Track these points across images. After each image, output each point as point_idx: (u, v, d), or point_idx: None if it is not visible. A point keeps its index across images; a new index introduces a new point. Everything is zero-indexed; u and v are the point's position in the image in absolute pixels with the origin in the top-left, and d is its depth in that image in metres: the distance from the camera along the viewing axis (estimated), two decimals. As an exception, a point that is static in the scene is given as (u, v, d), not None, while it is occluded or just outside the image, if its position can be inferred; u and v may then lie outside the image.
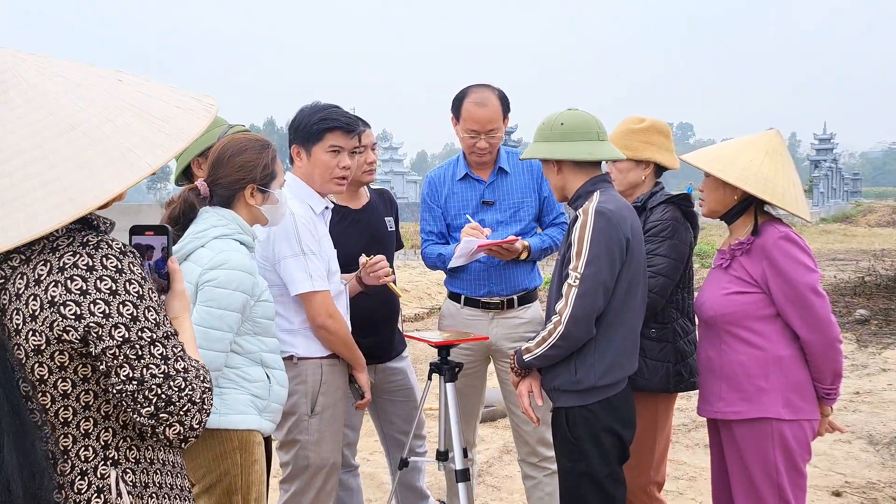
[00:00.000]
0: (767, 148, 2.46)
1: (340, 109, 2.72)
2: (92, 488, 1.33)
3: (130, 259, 1.32)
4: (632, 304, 2.37)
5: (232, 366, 2.21)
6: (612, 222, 2.30)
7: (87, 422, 1.34)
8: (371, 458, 4.59)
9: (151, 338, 1.30)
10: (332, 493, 2.71)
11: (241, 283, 2.14)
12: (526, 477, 3.25)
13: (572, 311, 2.29)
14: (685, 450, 4.75)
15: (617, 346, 2.35)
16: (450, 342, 2.91)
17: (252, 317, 2.22)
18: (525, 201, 3.22)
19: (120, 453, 1.37)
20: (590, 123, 2.44)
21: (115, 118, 1.28)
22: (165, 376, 1.31)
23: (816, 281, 2.37)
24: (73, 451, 1.33)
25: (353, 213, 3.14)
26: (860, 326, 8.52)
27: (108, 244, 1.30)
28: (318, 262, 2.59)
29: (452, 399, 2.88)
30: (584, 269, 2.29)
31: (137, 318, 1.29)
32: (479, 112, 3.07)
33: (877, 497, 3.97)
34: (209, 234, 2.18)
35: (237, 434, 2.17)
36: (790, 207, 2.40)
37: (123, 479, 1.36)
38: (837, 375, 2.42)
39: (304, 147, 2.68)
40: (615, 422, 2.37)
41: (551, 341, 2.34)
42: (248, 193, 2.27)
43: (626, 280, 2.34)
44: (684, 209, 2.73)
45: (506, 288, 3.17)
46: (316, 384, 2.61)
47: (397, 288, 3.04)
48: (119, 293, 1.28)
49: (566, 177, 2.46)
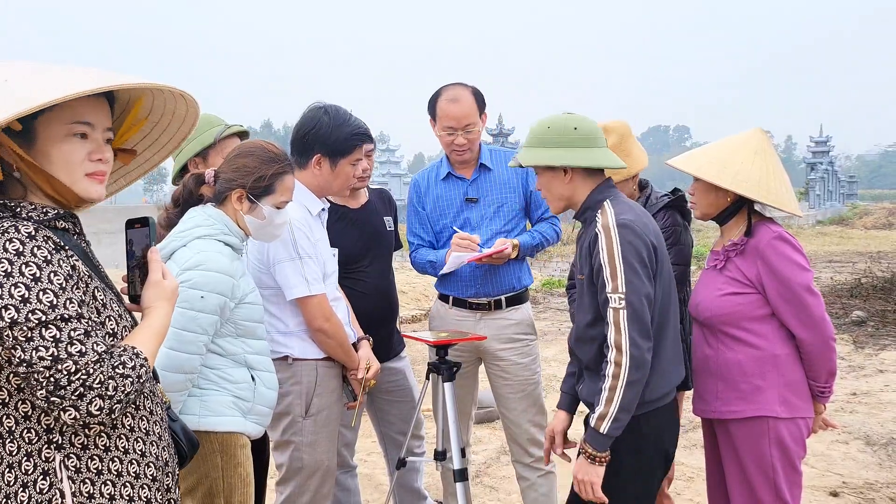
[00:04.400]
0: (756, 148, 2.46)
1: (357, 118, 2.75)
2: (38, 469, 1.36)
3: (37, 243, 1.32)
4: (671, 310, 2.28)
5: (212, 367, 2.17)
6: (637, 232, 2.19)
7: (24, 404, 1.36)
8: (368, 458, 4.59)
9: (41, 320, 1.29)
10: (329, 495, 2.70)
11: (218, 284, 2.10)
12: (520, 478, 3.25)
13: (630, 335, 2.12)
14: (682, 450, 4.75)
15: (665, 357, 2.25)
16: (448, 341, 2.92)
17: (234, 319, 2.18)
18: (509, 197, 3.20)
19: (64, 438, 1.38)
20: (598, 129, 2.34)
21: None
22: (54, 359, 1.29)
23: (810, 280, 2.38)
24: (17, 432, 1.36)
25: (352, 213, 3.15)
26: (857, 328, 8.55)
27: (15, 228, 1.32)
28: (314, 265, 2.58)
29: (451, 398, 2.88)
30: (625, 288, 2.15)
31: (28, 300, 1.29)
32: (453, 109, 3.08)
33: (874, 497, 3.98)
34: (192, 234, 2.16)
35: (217, 436, 2.14)
36: (784, 206, 2.41)
37: (65, 465, 1.38)
38: (831, 374, 2.43)
39: (331, 159, 2.68)
40: (662, 435, 2.27)
41: (623, 380, 2.11)
42: (235, 197, 2.24)
43: (661, 287, 2.24)
44: (682, 211, 2.74)
45: (493, 289, 3.16)
46: (311, 385, 2.60)
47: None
48: (13, 275, 1.29)
49: (576, 185, 2.30)
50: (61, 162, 1.40)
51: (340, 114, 2.71)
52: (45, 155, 1.39)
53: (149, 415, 1.54)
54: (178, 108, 1.60)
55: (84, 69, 1.39)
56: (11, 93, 1.29)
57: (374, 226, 3.21)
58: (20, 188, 1.41)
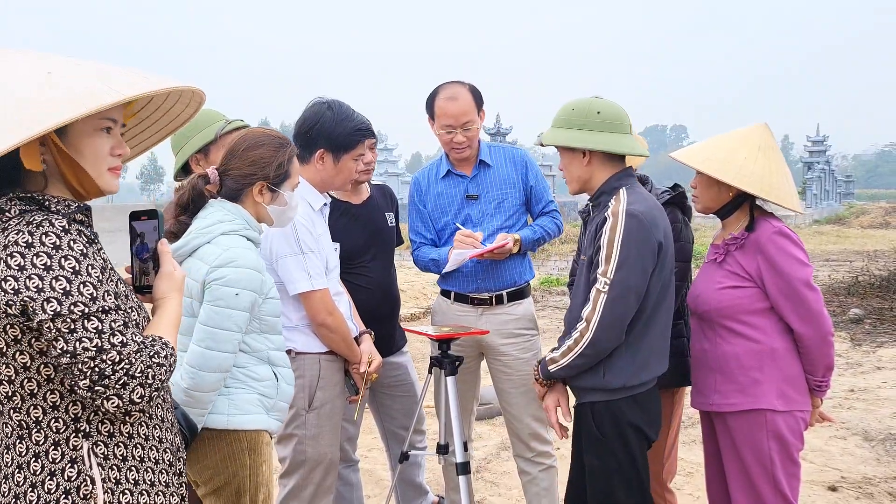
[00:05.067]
0: (760, 143, 2.46)
1: (360, 114, 2.76)
2: (66, 458, 1.40)
3: (72, 237, 1.35)
4: (664, 307, 2.32)
5: (239, 365, 2.15)
6: (643, 225, 2.21)
7: (53, 394, 1.40)
8: (369, 454, 4.61)
9: (84, 312, 1.33)
10: (332, 488, 2.71)
11: (251, 281, 2.08)
12: (522, 472, 3.26)
13: (601, 318, 2.21)
14: (682, 446, 4.77)
15: (647, 349, 2.30)
16: (450, 335, 2.93)
17: (260, 315, 2.16)
18: (509, 192, 3.21)
19: (91, 426, 1.42)
20: (623, 115, 2.35)
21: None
22: (98, 349, 1.33)
23: (810, 275, 2.40)
24: (45, 422, 1.40)
25: (354, 209, 3.16)
26: (854, 325, 8.58)
27: (49, 222, 1.35)
28: (317, 260, 2.59)
29: (453, 392, 2.90)
30: (613, 275, 2.21)
31: (70, 293, 1.32)
32: (450, 106, 3.08)
33: (872, 492, 4.01)
34: (216, 230, 2.13)
35: (246, 435, 2.13)
36: (785, 203, 2.42)
37: (94, 452, 1.42)
38: (829, 368, 2.45)
39: (334, 154, 2.69)
40: (641, 420, 2.33)
41: (578, 350, 2.28)
42: (256, 190, 2.20)
43: (658, 284, 2.27)
44: (682, 207, 2.75)
45: (495, 284, 3.17)
46: (314, 379, 2.61)
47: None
48: (53, 268, 1.32)
49: (595, 169, 2.35)
50: (91, 156, 1.43)
51: (343, 109, 2.72)
52: (76, 148, 1.42)
53: (162, 402, 1.58)
54: (182, 96, 1.61)
55: (122, 70, 1.43)
56: (69, 88, 1.32)
57: (376, 221, 3.22)
58: (41, 180, 1.43)
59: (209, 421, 2.10)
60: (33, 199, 1.40)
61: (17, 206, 1.38)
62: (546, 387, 2.48)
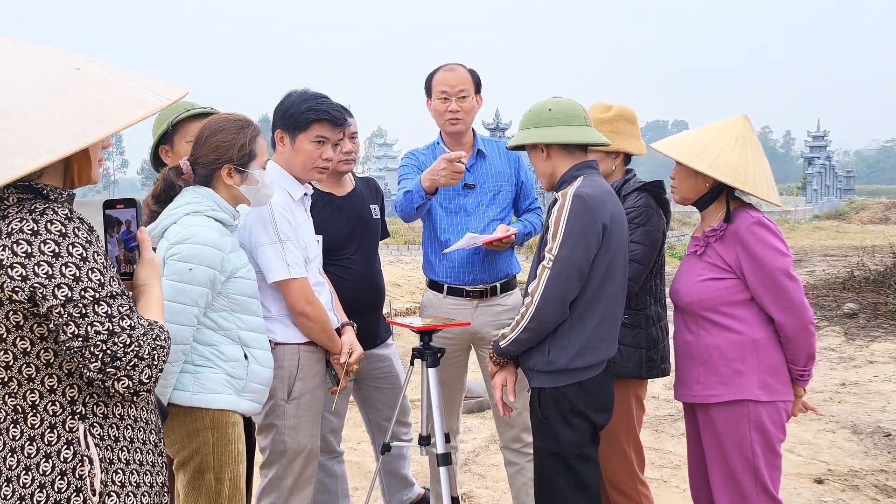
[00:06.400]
0: (737, 134, 2.47)
1: (330, 100, 2.71)
2: (62, 440, 1.43)
3: (76, 224, 1.39)
4: (609, 290, 2.38)
5: (207, 343, 2.21)
6: (588, 206, 2.31)
7: (51, 378, 1.43)
8: (359, 447, 4.62)
9: (94, 297, 1.38)
10: (312, 478, 2.72)
11: (206, 257, 2.14)
12: (509, 463, 3.27)
13: (544, 291, 2.31)
14: (670, 439, 4.79)
15: (591, 330, 2.36)
16: (432, 327, 2.93)
17: (226, 293, 2.22)
18: (503, 185, 3.26)
19: (87, 408, 1.46)
20: (577, 109, 2.47)
21: (52, 104, 1.36)
22: (110, 333, 1.39)
23: (789, 265, 2.41)
24: (41, 406, 1.43)
25: (337, 200, 3.15)
26: (848, 320, 8.59)
27: (53, 211, 1.39)
28: (295, 249, 2.59)
29: (434, 384, 2.91)
30: (557, 251, 2.31)
31: (80, 279, 1.37)
32: (448, 76, 3.18)
33: (858, 484, 4.01)
34: (181, 211, 2.21)
35: (209, 413, 2.19)
36: (761, 194, 2.43)
37: (91, 433, 1.45)
38: (811, 357, 2.45)
39: (289, 134, 2.67)
40: (586, 406, 2.39)
41: (524, 324, 2.37)
42: (225, 174, 2.27)
43: (603, 265, 2.34)
44: (657, 196, 2.75)
45: (489, 275, 3.20)
46: (293, 369, 2.61)
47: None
48: (62, 255, 1.36)
49: (555, 162, 2.46)
50: (93, 149, 1.49)
51: (310, 93, 2.70)
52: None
53: None
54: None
55: (143, 78, 1.49)
56: (116, 94, 1.39)
57: (360, 213, 3.21)
58: (38, 169, 1.44)
59: (174, 397, 2.17)
60: (31, 187, 1.42)
61: (14, 195, 1.40)
62: (498, 366, 2.56)
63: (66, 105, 1.36)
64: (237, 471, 2.24)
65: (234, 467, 2.23)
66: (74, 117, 1.36)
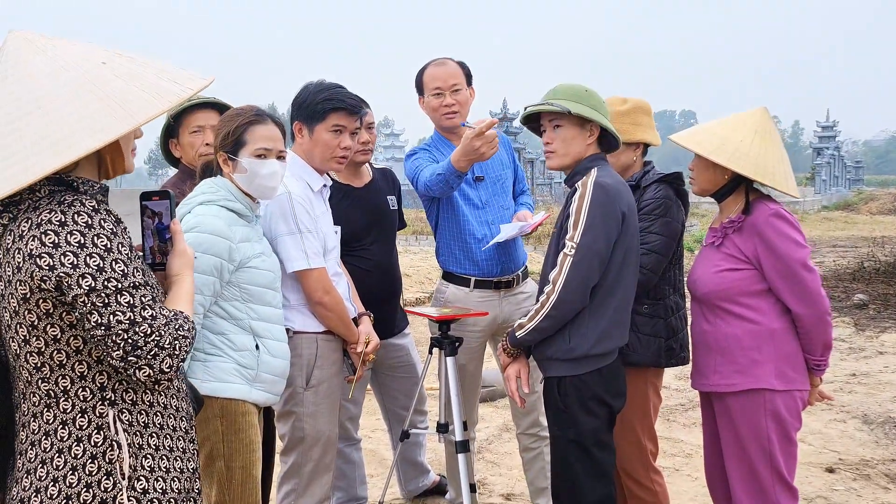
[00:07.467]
0: (757, 127, 2.49)
1: (345, 89, 2.72)
2: (92, 425, 1.48)
3: (102, 216, 1.43)
4: (625, 277, 2.41)
5: (218, 331, 2.23)
6: (609, 195, 2.34)
7: (81, 365, 1.48)
8: (373, 435, 4.67)
9: (117, 287, 1.42)
10: (331, 465, 2.75)
11: (211, 246, 2.17)
12: (525, 449, 3.30)
13: (566, 279, 2.32)
14: (682, 428, 4.82)
15: (610, 317, 2.39)
16: (450, 317, 2.97)
17: (237, 282, 2.24)
18: (506, 173, 3.30)
19: (116, 395, 1.50)
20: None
21: (75, 100, 1.41)
22: (131, 322, 1.42)
23: (807, 256, 2.42)
24: (73, 391, 1.48)
25: (355, 192, 3.18)
26: (858, 311, 8.58)
27: (81, 203, 1.43)
28: (314, 239, 2.61)
29: (453, 373, 2.94)
30: (580, 239, 2.33)
31: (103, 269, 1.41)
32: (438, 70, 3.17)
33: (869, 473, 4.04)
34: (195, 201, 2.27)
35: (218, 402, 2.21)
36: (780, 186, 2.44)
37: (120, 419, 1.50)
38: (827, 347, 2.47)
39: (307, 125, 2.69)
40: (605, 391, 2.42)
41: (545, 312, 2.37)
42: (221, 162, 2.32)
43: (621, 253, 2.38)
44: (676, 188, 2.77)
45: (514, 265, 3.23)
46: (311, 358, 2.64)
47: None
48: (87, 246, 1.40)
49: (590, 148, 2.47)
50: (125, 140, 1.53)
51: (326, 84, 2.72)
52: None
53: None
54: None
55: (167, 68, 1.53)
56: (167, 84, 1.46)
57: (378, 204, 3.24)
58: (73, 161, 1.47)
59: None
60: (62, 179, 1.46)
61: (46, 187, 1.45)
62: (511, 357, 2.56)
63: (93, 100, 1.40)
64: (249, 459, 2.26)
65: (246, 455, 2.25)
66: (102, 112, 1.39)
